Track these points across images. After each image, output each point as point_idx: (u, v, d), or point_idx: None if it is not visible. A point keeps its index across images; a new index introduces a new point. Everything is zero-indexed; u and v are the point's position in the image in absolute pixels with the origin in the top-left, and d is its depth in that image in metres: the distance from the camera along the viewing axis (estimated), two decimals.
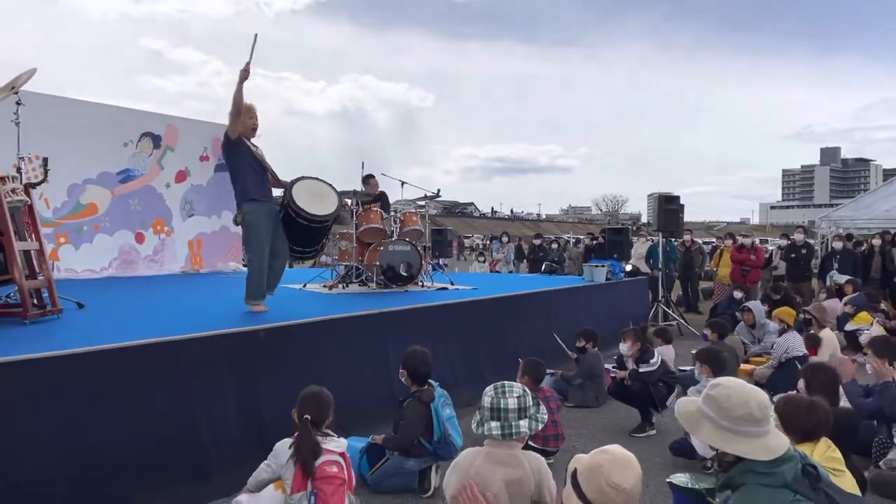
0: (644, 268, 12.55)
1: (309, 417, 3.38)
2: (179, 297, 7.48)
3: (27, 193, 5.14)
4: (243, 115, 5.64)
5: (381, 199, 9.07)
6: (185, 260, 11.65)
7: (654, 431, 5.56)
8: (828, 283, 11.88)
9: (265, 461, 3.51)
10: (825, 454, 3.12)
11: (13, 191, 4.91)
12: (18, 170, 5.55)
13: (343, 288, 8.12)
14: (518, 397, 2.69)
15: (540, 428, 2.75)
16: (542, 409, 2.80)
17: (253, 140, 5.82)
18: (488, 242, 23.61)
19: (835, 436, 3.30)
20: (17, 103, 5.59)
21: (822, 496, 2.05)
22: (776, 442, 2.12)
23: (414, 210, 8.80)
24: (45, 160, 5.41)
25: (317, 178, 5.98)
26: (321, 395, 3.52)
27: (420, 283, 8.43)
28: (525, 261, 15.40)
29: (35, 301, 5.17)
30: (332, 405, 3.52)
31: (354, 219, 8.23)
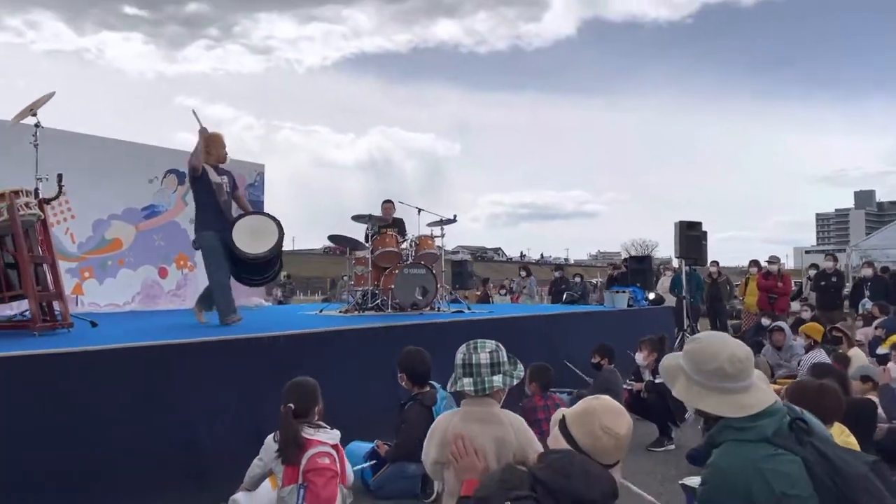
0: (669, 299, 12.31)
1: (292, 406, 3.31)
2: (195, 324, 7.51)
3: (41, 208, 5.23)
4: (214, 146, 6.23)
5: (398, 225, 9.09)
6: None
7: (672, 446, 5.36)
8: (860, 311, 11.52)
9: (256, 459, 3.44)
10: (839, 438, 2.95)
11: (27, 205, 5.01)
12: (37, 190, 5.66)
13: (359, 312, 8.08)
14: (490, 352, 2.59)
15: (515, 384, 2.64)
16: (520, 367, 2.68)
17: (222, 165, 6.32)
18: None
19: (850, 425, 3.13)
20: (36, 125, 5.75)
21: (811, 449, 1.90)
22: (753, 398, 1.98)
23: (430, 234, 8.77)
24: (60, 176, 5.51)
25: (261, 214, 6.42)
26: (302, 384, 3.46)
27: (436, 308, 8.36)
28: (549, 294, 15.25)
29: (47, 316, 5.22)
30: (316, 394, 3.45)
31: (370, 243, 8.24)
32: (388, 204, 9.03)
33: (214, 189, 6.10)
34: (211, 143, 6.19)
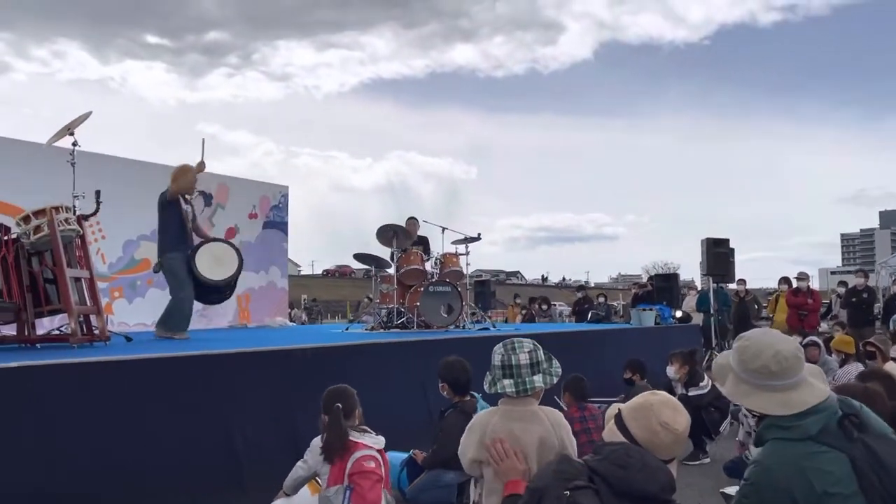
0: (696, 318, 12.21)
1: (340, 406, 3.35)
2: (224, 338, 7.59)
3: (80, 224, 5.35)
4: (192, 178, 6.68)
5: (423, 243, 9.12)
6: (234, 315, 11.84)
7: (707, 460, 5.29)
8: (891, 327, 11.33)
9: (301, 460, 3.47)
10: None
11: (66, 220, 5.12)
12: (74, 207, 5.79)
13: (384, 330, 8.09)
14: (529, 352, 2.58)
15: (554, 382, 2.62)
16: (556, 363, 2.66)
17: (188, 196, 6.78)
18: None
19: None
20: (74, 144, 5.91)
21: (860, 446, 1.87)
22: (799, 396, 1.96)
23: (455, 252, 8.80)
24: (98, 192, 5.66)
25: (223, 241, 6.92)
26: (344, 388, 3.54)
27: (462, 326, 8.35)
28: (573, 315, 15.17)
29: (84, 329, 5.30)
30: (355, 398, 3.52)
31: (395, 262, 8.28)
32: (412, 221, 9.05)
33: (183, 216, 6.51)
34: (188, 175, 6.65)
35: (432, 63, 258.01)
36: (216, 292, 6.80)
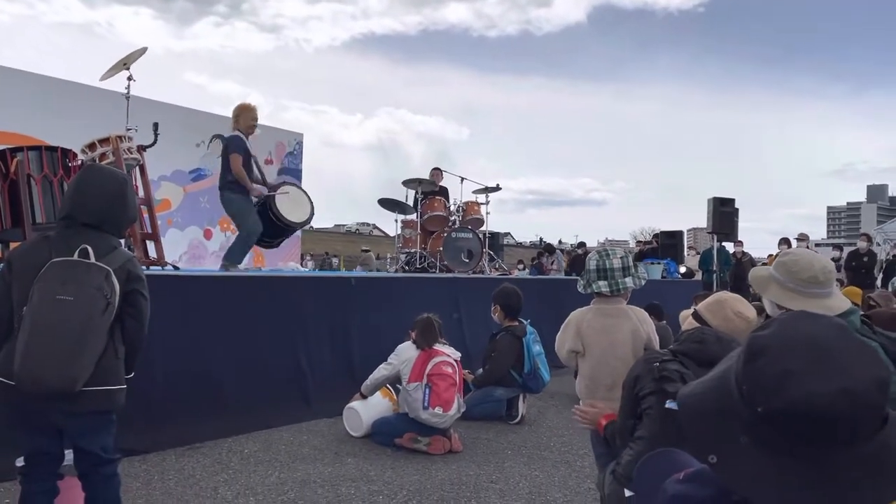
0: (696, 275, 12.62)
1: (430, 317, 3.79)
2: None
3: (140, 154, 5.58)
4: (252, 115, 6.41)
5: (443, 193, 9.39)
6: (248, 258, 12.13)
7: None
8: (890, 289, 11.79)
9: (383, 364, 3.84)
10: None
11: (129, 149, 5.36)
12: (130, 139, 5.99)
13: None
14: (621, 258, 2.93)
15: (642, 285, 2.95)
16: (642, 270, 3.01)
17: (250, 136, 6.52)
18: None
19: None
20: (129, 79, 6.08)
21: (881, 337, 2.28)
22: (836, 302, 2.31)
23: (475, 200, 9.11)
24: (156, 125, 5.85)
25: (298, 187, 6.77)
26: (432, 315, 3.97)
27: (482, 270, 8.69)
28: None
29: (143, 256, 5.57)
30: (440, 321, 3.97)
31: (419, 208, 8.56)
32: (436, 171, 9.33)
33: (252, 156, 6.42)
34: (246, 112, 6.48)
35: (425, 20, 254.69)
36: (283, 234, 6.63)
